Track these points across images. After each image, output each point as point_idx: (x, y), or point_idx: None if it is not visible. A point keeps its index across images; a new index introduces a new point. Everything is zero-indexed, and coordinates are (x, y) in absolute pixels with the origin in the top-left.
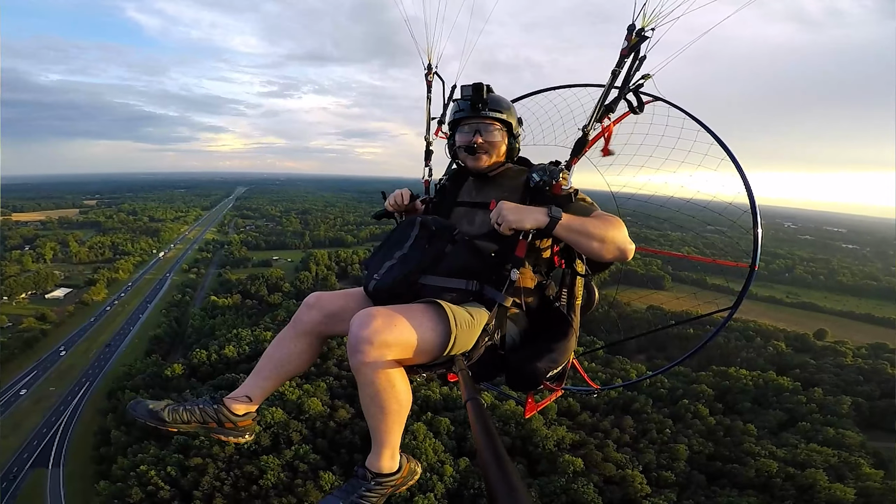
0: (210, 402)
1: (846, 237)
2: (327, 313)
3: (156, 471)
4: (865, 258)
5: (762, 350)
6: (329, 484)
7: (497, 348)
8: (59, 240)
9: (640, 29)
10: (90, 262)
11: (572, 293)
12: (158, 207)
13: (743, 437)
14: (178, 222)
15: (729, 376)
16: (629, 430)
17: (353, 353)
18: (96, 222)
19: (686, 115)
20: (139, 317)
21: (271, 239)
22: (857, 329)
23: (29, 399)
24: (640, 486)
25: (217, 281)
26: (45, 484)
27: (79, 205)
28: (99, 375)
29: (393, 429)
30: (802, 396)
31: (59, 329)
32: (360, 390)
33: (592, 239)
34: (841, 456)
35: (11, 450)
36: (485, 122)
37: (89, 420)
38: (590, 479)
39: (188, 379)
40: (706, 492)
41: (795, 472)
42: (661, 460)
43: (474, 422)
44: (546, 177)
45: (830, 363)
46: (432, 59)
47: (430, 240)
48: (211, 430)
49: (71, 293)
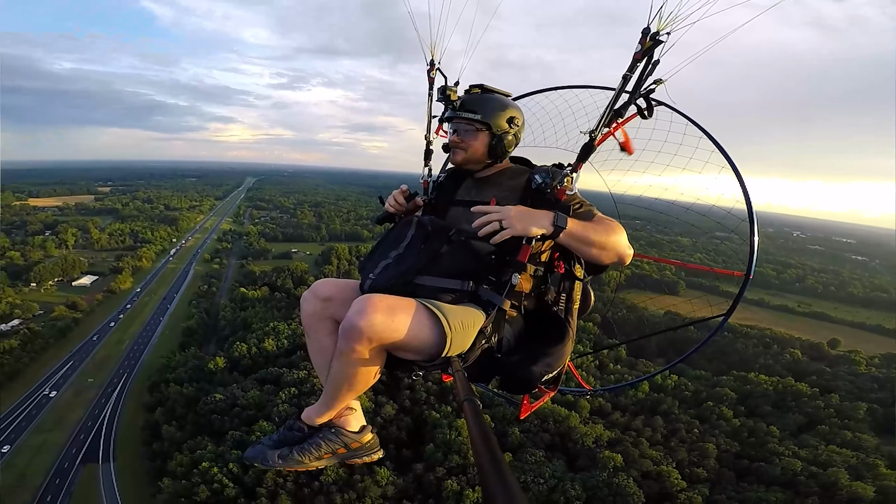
0: (329, 430)
1: (855, 248)
2: (323, 297)
3: (218, 468)
4: (875, 270)
5: (779, 357)
6: (385, 479)
7: (493, 351)
8: (78, 226)
9: (655, 33)
10: (112, 249)
11: (570, 297)
12: (173, 196)
13: (766, 437)
14: (193, 211)
15: (749, 381)
16: (660, 430)
17: (346, 338)
18: (113, 209)
19: (689, 122)
20: (167, 307)
21: (288, 231)
22: (868, 339)
23: (70, 391)
24: (675, 480)
25: (241, 272)
26: (98, 479)
27: (93, 191)
28: (135, 367)
29: (350, 400)
30: (820, 402)
31: (89, 318)
32: (336, 363)
33: (593, 246)
34: (859, 457)
35: (59, 445)
36: (461, 122)
37: (132, 414)
38: (629, 474)
39: (230, 372)
40: (736, 488)
41: (818, 470)
42: (691, 458)
43: (471, 423)
44: (549, 179)
45: (845, 371)
46: (435, 55)
47: (426, 240)
48: (343, 457)
49: (97, 281)
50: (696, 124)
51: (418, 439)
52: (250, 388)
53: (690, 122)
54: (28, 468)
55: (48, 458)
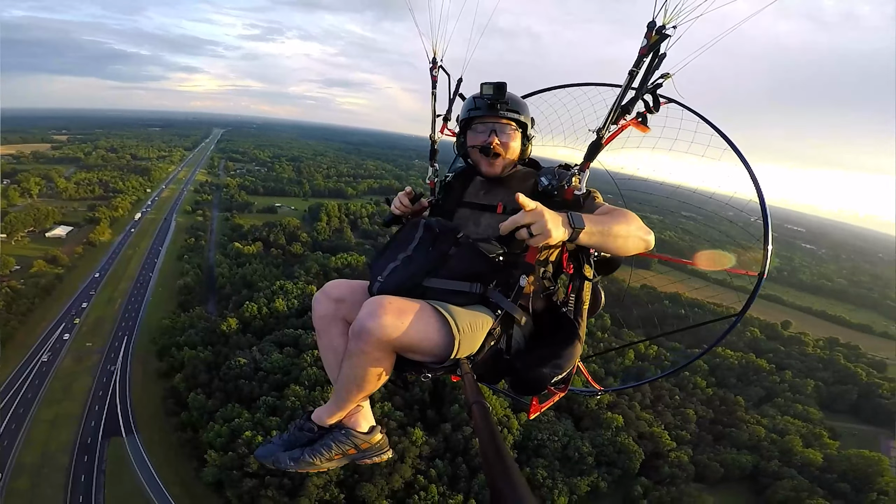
0: (339, 431)
1: (805, 237)
2: (335, 298)
3: (262, 437)
4: (822, 259)
5: (742, 334)
6: (420, 440)
7: (503, 352)
8: (41, 175)
9: (661, 27)
10: (83, 198)
11: (580, 298)
12: (139, 146)
13: (734, 407)
14: (164, 161)
15: (717, 354)
16: (648, 396)
17: (356, 339)
18: (75, 158)
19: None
20: (154, 262)
21: (269, 185)
22: (815, 323)
23: (69, 358)
24: (666, 441)
25: (227, 225)
26: (127, 454)
27: (48, 140)
28: (135, 329)
29: (360, 400)
30: (776, 377)
31: (72, 273)
32: (346, 364)
33: (617, 237)
34: (808, 428)
35: (74, 417)
36: (501, 122)
37: (143, 380)
38: (629, 434)
39: (244, 334)
40: (713, 449)
41: (777, 438)
42: (675, 421)
43: (479, 425)
44: (555, 181)
45: (796, 351)
46: (438, 53)
47: (433, 242)
48: (354, 458)
49: (73, 232)
50: (707, 121)
51: (440, 400)
52: (269, 350)
53: (701, 118)
54: (48, 445)
55: (66, 432)
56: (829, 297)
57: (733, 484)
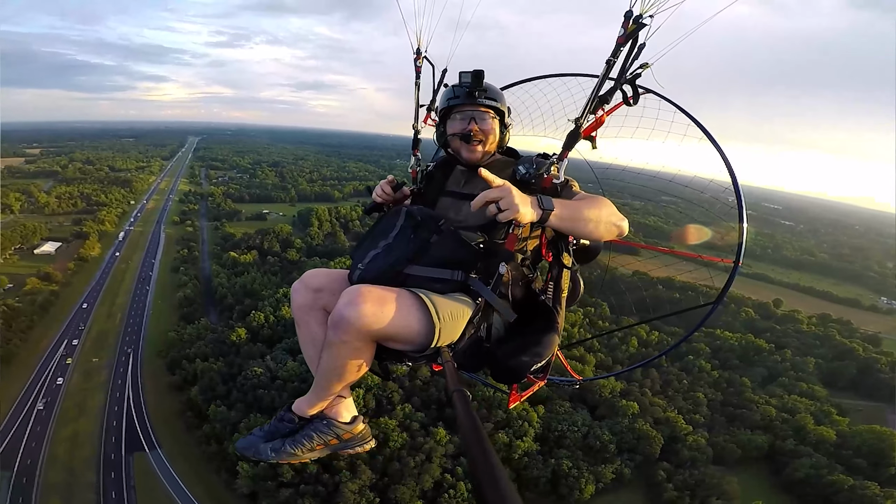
0: (320, 421)
1: (782, 214)
2: (314, 287)
3: None
4: (801, 234)
5: (737, 315)
6: (445, 439)
7: (483, 340)
8: (20, 190)
9: (639, 16)
10: (66, 212)
11: (558, 286)
12: (115, 157)
13: (741, 388)
14: (144, 172)
15: (717, 336)
16: (657, 381)
17: (335, 329)
18: (52, 171)
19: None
20: (149, 274)
21: (253, 192)
22: (804, 300)
23: (77, 375)
24: (682, 425)
25: (218, 235)
26: (154, 470)
27: (20, 154)
28: (139, 343)
29: (341, 389)
30: (777, 356)
31: (67, 290)
32: (326, 354)
33: (588, 221)
34: (816, 406)
35: (94, 434)
36: (479, 109)
37: (157, 394)
38: (645, 420)
39: (254, 344)
40: (727, 431)
41: (788, 416)
42: (687, 405)
43: (460, 413)
44: (533, 170)
45: (792, 329)
46: (422, 43)
47: (415, 229)
48: (336, 448)
49: (62, 247)
50: (685, 112)
51: None
52: (283, 358)
53: (679, 110)
54: (72, 463)
55: (88, 450)
56: (813, 272)
57: (751, 464)
